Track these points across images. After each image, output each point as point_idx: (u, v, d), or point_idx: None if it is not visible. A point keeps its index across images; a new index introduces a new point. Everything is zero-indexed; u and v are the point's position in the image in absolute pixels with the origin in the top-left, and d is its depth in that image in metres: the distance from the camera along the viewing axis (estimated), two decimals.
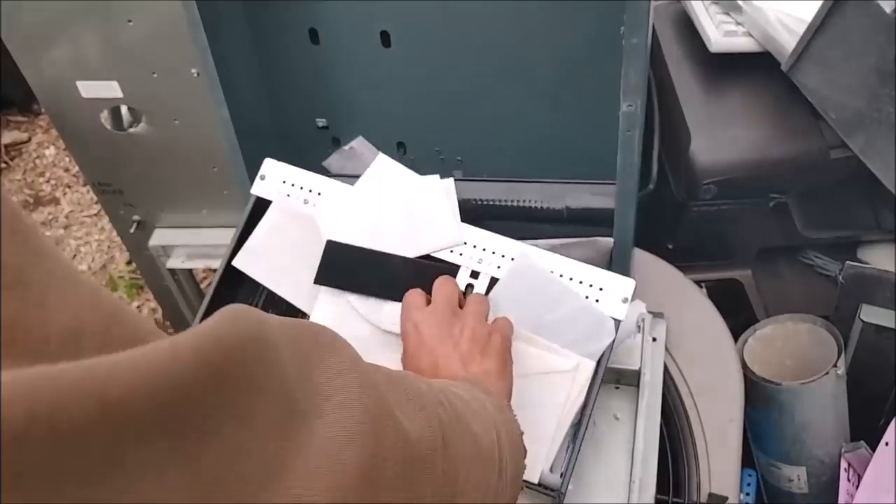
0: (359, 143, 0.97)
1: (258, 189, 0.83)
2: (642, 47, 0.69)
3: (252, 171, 0.87)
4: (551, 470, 0.69)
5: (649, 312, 0.86)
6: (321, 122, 0.97)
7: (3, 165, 2.47)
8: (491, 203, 0.85)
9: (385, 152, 0.97)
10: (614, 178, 0.80)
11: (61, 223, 2.32)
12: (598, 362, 0.72)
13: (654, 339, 0.85)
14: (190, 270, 1.47)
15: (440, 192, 0.81)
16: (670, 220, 1.17)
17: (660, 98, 1.13)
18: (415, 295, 0.69)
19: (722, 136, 1.10)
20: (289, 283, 0.79)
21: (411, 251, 0.78)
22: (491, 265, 0.77)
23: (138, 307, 2.10)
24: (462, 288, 0.76)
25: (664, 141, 1.13)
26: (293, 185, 0.83)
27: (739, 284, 1.22)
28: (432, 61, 0.89)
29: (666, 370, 0.85)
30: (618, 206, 0.80)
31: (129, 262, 2.14)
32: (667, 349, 0.87)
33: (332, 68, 0.91)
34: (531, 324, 0.72)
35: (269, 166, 0.84)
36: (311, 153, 0.98)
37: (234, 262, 0.80)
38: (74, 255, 2.23)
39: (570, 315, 0.73)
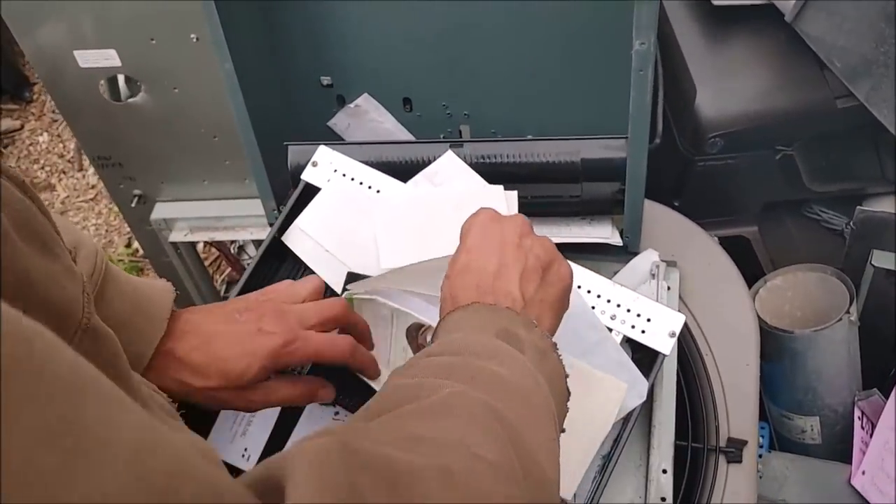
0: (364, 101, 0.96)
1: (309, 175, 0.83)
2: None
3: (257, 128, 0.86)
4: (574, 497, 0.68)
5: (662, 261, 0.85)
6: (326, 80, 0.96)
7: None
8: (505, 161, 0.84)
9: (390, 109, 0.97)
10: (623, 133, 0.80)
11: (58, 209, 2.30)
12: (627, 418, 0.70)
13: (669, 287, 0.84)
14: (193, 244, 1.46)
15: (502, 202, 0.79)
16: (676, 177, 1.16)
17: (663, 54, 1.13)
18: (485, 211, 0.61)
19: (727, 89, 1.09)
20: (329, 265, 0.78)
21: None
22: None
23: None
24: None
25: (668, 96, 1.12)
26: (344, 174, 0.82)
27: (746, 241, 1.22)
28: (438, 14, 0.88)
29: None
30: (630, 150, 0.79)
31: (128, 245, 2.13)
32: (681, 297, 0.87)
33: (336, 23, 0.90)
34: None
35: (323, 153, 0.83)
36: (316, 111, 0.98)
37: (284, 238, 0.80)
38: None
39: (604, 365, 0.70)
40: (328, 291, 0.77)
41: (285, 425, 0.75)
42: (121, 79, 1.21)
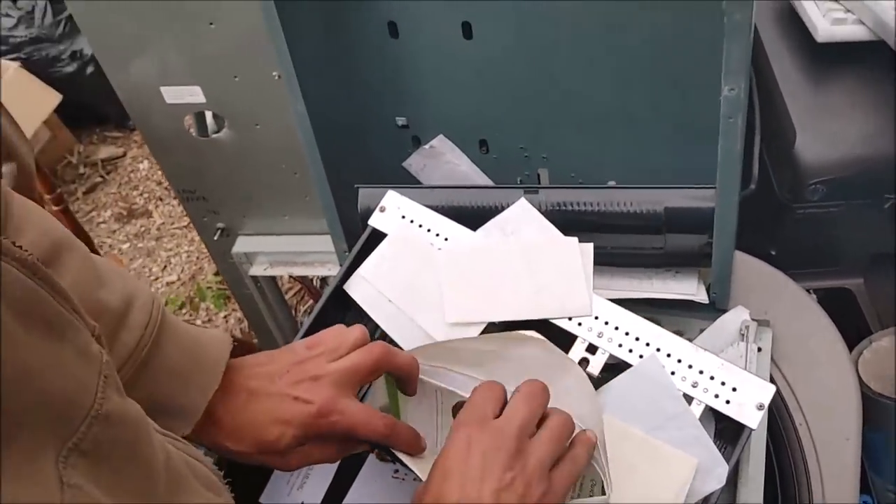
0: (439, 142, 0.93)
1: (376, 221, 0.80)
2: (746, 24, 0.63)
3: (330, 171, 0.85)
4: None
5: (753, 319, 0.79)
6: (401, 120, 0.93)
7: (100, 179, 2.55)
8: (583, 210, 0.79)
9: (466, 151, 0.94)
10: (710, 183, 0.75)
11: (153, 235, 2.37)
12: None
13: (760, 349, 0.78)
14: (273, 278, 1.46)
15: (576, 255, 0.74)
16: (773, 224, 1.09)
17: (761, 93, 1.06)
18: (488, 392, 0.57)
19: (830, 133, 1.01)
20: (389, 315, 0.75)
21: (530, 312, 0.72)
22: (612, 342, 0.70)
23: (225, 317, 2.12)
24: (576, 359, 0.71)
25: (766, 139, 1.05)
26: (412, 220, 0.79)
27: (850, 294, 1.13)
28: (517, 54, 0.85)
29: (773, 383, 0.78)
30: (719, 200, 0.73)
31: (216, 273, 2.17)
32: (773, 360, 0.80)
33: (412, 63, 0.88)
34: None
35: (391, 199, 0.81)
36: (391, 153, 0.95)
37: (345, 286, 0.77)
38: (165, 266, 2.28)
39: (681, 441, 0.65)
40: (389, 342, 0.74)
41: (344, 478, 0.72)
42: (208, 115, 1.23)
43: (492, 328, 0.73)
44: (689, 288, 0.80)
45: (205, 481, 0.45)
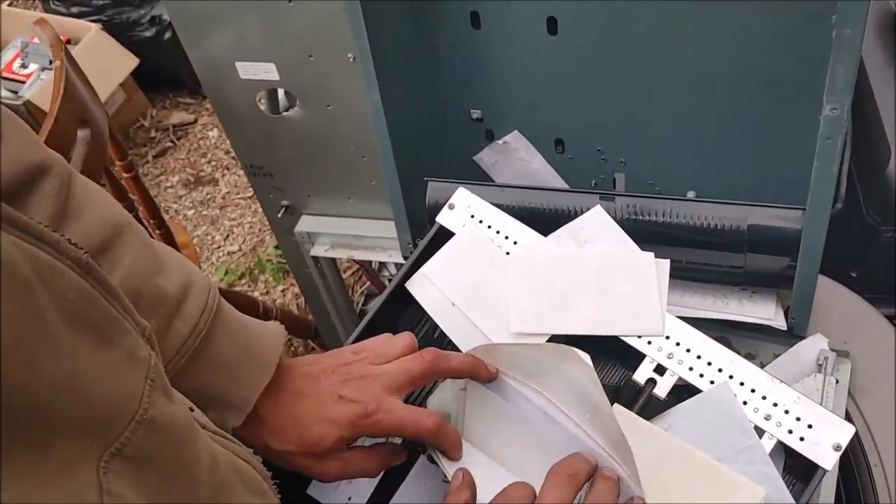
0: (514, 138, 0.90)
1: (444, 218, 0.78)
2: (856, 40, 0.59)
3: (399, 160, 0.83)
4: None
5: (832, 350, 0.75)
6: (476, 113, 0.91)
7: (170, 144, 2.58)
8: (661, 221, 0.76)
9: (541, 149, 0.91)
10: (795, 201, 0.71)
11: (218, 203, 2.39)
12: None
13: (837, 382, 0.73)
14: (333, 260, 1.46)
15: (652, 271, 0.71)
16: (857, 245, 1.04)
17: (855, 107, 1.00)
18: (517, 493, 0.54)
19: None
20: (451, 317, 0.73)
21: (600, 327, 0.69)
22: (683, 365, 0.67)
23: (283, 291, 2.13)
24: (642, 382, 0.68)
25: (856, 155, 1.00)
26: (481, 221, 0.77)
27: None
28: (601, 53, 0.82)
29: (848, 418, 0.74)
30: (808, 223, 0.69)
31: (277, 247, 2.18)
32: (850, 394, 0.76)
33: (492, 55, 0.85)
34: None
35: (461, 196, 0.78)
36: (462, 146, 0.93)
37: (407, 284, 0.76)
38: (227, 236, 2.30)
39: (749, 477, 0.61)
40: (448, 346, 0.72)
41: (393, 476, 0.71)
42: (280, 92, 1.22)
43: (554, 342, 0.70)
44: (766, 312, 0.76)
45: (252, 485, 0.44)
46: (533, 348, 0.68)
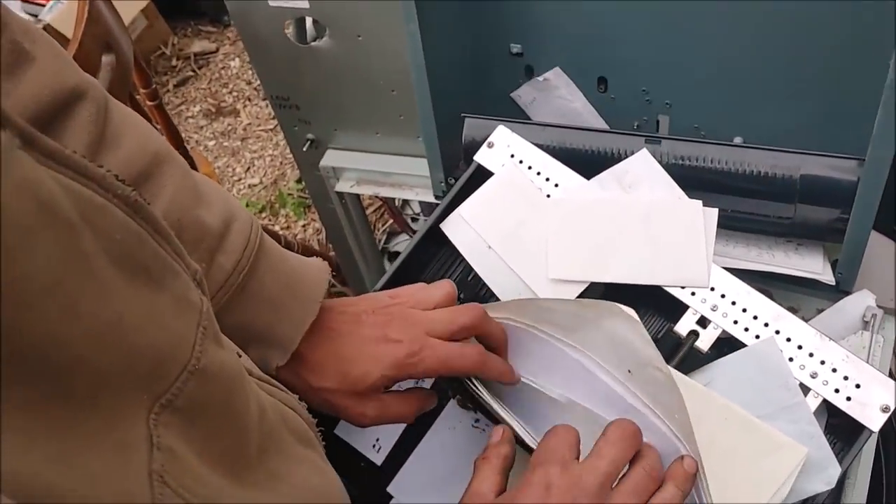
0: (554, 75, 0.87)
1: (482, 157, 0.75)
2: None
3: (435, 94, 0.80)
4: None
5: (879, 307, 0.72)
6: (516, 47, 0.87)
7: (191, 73, 2.54)
8: (708, 167, 0.72)
9: (583, 87, 0.87)
10: (850, 153, 0.68)
11: (239, 135, 2.36)
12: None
13: (883, 340, 0.71)
14: (357, 196, 1.43)
15: (699, 220, 0.68)
16: None
17: None
18: (566, 436, 0.52)
19: None
20: (487, 261, 0.70)
21: (642, 276, 0.67)
22: (727, 318, 0.65)
23: (303, 225, 2.11)
24: (683, 334, 0.65)
25: None
26: (521, 161, 0.73)
27: None
28: None
29: (892, 378, 0.71)
30: (866, 175, 0.66)
31: (298, 181, 2.15)
32: (895, 354, 0.73)
33: None
34: None
35: (501, 134, 0.75)
36: (500, 81, 0.90)
37: (442, 225, 0.73)
38: (248, 168, 2.27)
39: (792, 435, 0.60)
40: (483, 290, 0.70)
41: (422, 420, 0.70)
42: (308, 21, 1.18)
43: (593, 289, 0.68)
44: (814, 265, 0.73)
45: (299, 434, 0.42)
46: (572, 303, 0.65)
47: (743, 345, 0.64)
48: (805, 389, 0.62)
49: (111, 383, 0.27)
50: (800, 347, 0.62)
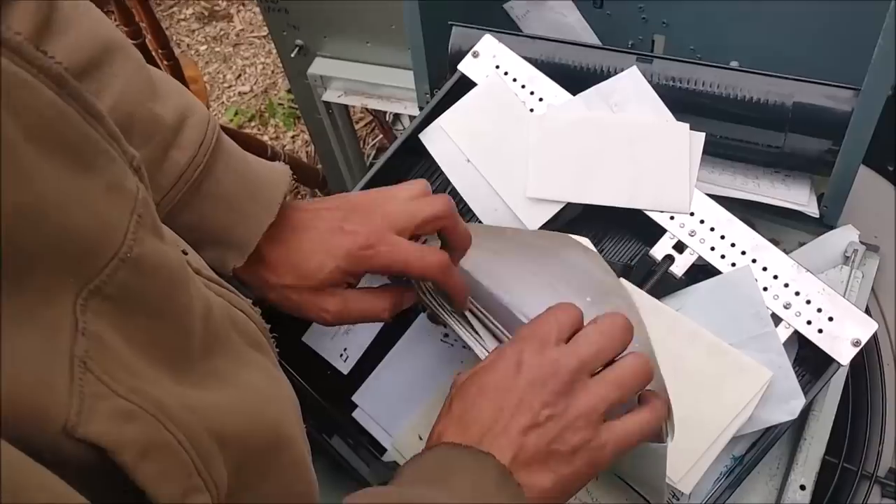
0: None
1: (466, 66, 0.72)
2: None
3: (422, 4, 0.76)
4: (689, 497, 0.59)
5: (861, 243, 0.71)
6: None
7: None
8: (699, 90, 0.70)
9: (578, 2, 0.84)
10: (852, 82, 0.65)
11: (231, 41, 2.30)
12: (771, 430, 0.59)
13: (863, 276, 0.70)
14: (346, 107, 1.40)
15: (685, 144, 0.66)
16: None
17: None
18: (560, 315, 0.49)
19: None
20: (465, 174, 0.68)
21: (622, 199, 0.65)
22: (704, 244, 0.63)
23: (293, 137, 2.08)
24: (658, 258, 0.64)
25: None
26: (506, 73, 0.70)
27: None
28: None
29: (868, 314, 0.71)
30: (860, 105, 0.64)
31: (289, 91, 2.11)
32: (873, 290, 0.72)
33: None
34: None
35: (487, 44, 0.72)
36: None
37: (421, 135, 0.71)
38: (239, 75, 2.22)
39: (760, 363, 0.59)
40: (460, 205, 0.68)
41: (392, 332, 0.69)
42: None
43: (570, 209, 0.66)
44: (799, 197, 0.71)
45: (248, 336, 0.41)
46: (529, 234, 0.64)
47: (718, 272, 0.63)
48: (777, 320, 0.61)
49: (35, 265, 0.26)
50: (775, 277, 0.61)
